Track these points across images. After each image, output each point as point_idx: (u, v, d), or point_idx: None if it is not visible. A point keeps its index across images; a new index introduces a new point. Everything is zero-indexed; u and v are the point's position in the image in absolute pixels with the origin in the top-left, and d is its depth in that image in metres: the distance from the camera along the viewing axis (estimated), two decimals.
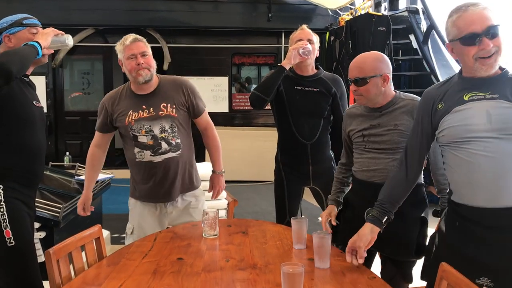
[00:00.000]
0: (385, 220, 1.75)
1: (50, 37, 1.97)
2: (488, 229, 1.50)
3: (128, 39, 2.28)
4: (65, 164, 5.87)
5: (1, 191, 1.88)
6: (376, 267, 2.06)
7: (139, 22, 7.35)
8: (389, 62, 1.98)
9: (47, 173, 3.84)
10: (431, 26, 5.91)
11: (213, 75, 7.93)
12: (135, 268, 1.73)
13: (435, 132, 1.63)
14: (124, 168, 2.90)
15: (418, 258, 1.98)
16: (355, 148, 2.10)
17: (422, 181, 1.99)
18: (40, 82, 7.18)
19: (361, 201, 2.01)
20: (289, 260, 1.80)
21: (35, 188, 2.09)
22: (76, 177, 3.98)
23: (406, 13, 6.53)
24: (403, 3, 7.06)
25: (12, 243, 1.87)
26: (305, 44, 2.50)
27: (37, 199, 2.23)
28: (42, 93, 7.20)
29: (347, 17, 6.92)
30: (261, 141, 7.00)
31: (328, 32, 7.04)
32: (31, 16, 2.05)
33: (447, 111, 1.57)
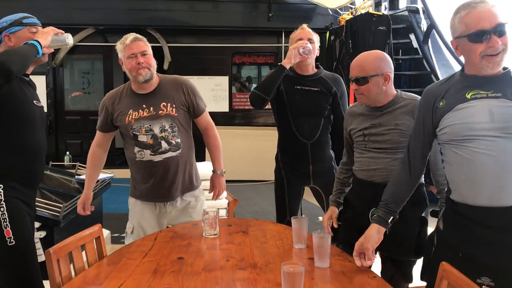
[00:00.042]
0: (390, 220, 1.75)
1: (50, 36, 1.97)
2: (489, 228, 1.50)
3: (129, 38, 2.28)
4: (65, 163, 5.88)
5: (2, 191, 1.88)
6: (376, 266, 2.06)
7: (139, 22, 7.36)
8: (391, 61, 1.96)
9: (47, 172, 3.84)
10: (431, 25, 5.91)
11: (213, 74, 7.92)
12: (135, 267, 1.72)
13: (435, 129, 1.63)
14: (124, 168, 2.90)
15: (418, 258, 1.98)
16: (355, 147, 2.09)
17: (423, 180, 1.98)
18: (40, 81, 7.18)
19: (361, 200, 2.01)
20: (289, 260, 1.79)
21: (35, 188, 2.09)
22: (76, 176, 3.99)
23: (406, 13, 6.54)
24: (403, 2, 7.05)
25: (13, 242, 1.87)
26: (306, 43, 2.50)
27: (37, 199, 2.23)
28: (42, 92, 7.19)
29: (347, 16, 6.92)
30: (261, 140, 7.00)
31: (328, 32, 7.05)
32: (31, 15, 2.04)
33: (449, 108, 1.56)
